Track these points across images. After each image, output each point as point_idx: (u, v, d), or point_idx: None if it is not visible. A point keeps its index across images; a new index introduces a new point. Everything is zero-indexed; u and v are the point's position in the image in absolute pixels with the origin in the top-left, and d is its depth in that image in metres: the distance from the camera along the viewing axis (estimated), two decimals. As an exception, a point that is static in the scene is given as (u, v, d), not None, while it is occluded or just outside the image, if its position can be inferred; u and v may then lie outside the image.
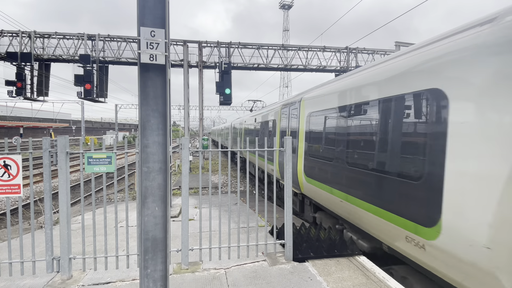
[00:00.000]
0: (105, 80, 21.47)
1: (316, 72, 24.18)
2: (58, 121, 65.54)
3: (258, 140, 4.39)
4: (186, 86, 20.27)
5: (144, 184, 2.52)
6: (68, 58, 20.68)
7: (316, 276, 3.98)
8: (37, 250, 5.04)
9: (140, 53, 2.39)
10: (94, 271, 4.06)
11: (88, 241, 5.26)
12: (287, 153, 4.42)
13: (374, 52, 23.31)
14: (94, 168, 3.78)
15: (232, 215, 7.40)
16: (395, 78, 3.83)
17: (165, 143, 2.54)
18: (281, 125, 9.29)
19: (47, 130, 57.24)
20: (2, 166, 3.62)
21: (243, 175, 18.68)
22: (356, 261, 4.47)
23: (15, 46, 19.83)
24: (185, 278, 3.94)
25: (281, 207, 8.62)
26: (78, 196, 13.32)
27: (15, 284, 3.79)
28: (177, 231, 5.89)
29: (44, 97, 21.41)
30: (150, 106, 2.48)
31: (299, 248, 4.67)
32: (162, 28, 2.43)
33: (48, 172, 3.80)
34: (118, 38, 20.83)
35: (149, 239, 2.57)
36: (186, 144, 4.17)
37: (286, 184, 4.49)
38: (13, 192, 3.67)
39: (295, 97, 8.51)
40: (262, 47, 22.34)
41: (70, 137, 30.27)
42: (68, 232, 3.85)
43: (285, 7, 70.16)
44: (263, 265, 4.32)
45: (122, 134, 54.98)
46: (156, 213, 2.56)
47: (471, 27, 2.98)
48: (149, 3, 2.40)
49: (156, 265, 2.59)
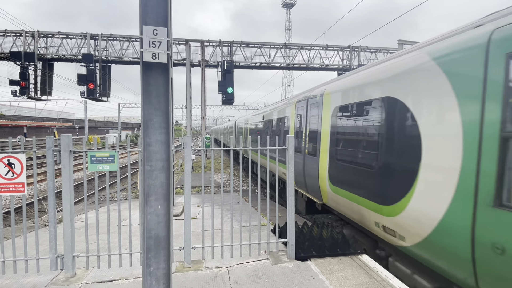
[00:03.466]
0: (108, 79, 21.55)
1: (318, 71, 24.12)
2: (61, 120, 65.89)
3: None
4: (188, 85, 20.29)
5: (146, 183, 2.53)
6: (71, 58, 20.76)
7: (318, 275, 3.98)
8: (41, 248, 5.08)
9: (143, 52, 2.40)
10: (98, 269, 4.08)
11: (92, 240, 5.29)
12: (289, 151, 4.43)
13: (377, 51, 23.20)
14: (97, 167, 3.80)
15: (235, 214, 7.41)
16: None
17: (168, 141, 2.54)
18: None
19: (51, 129, 57.59)
20: (6, 164, 3.65)
21: (245, 174, 18.69)
22: (358, 260, 4.46)
23: (19, 45, 19.94)
24: (188, 276, 3.95)
25: (283, 206, 8.61)
26: (81, 194, 13.39)
27: (19, 281, 3.82)
28: (179, 230, 5.91)
29: (48, 97, 21.52)
30: (153, 104, 2.49)
31: (302, 246, 4.67)
32: (164, 27, 2.43)
33: (51, 171, 3.82)
34: (120, 38, 20.88)
35: (152, 237, 2.58)
36: (188, 143, 4.18)
37: (288, 183, 4.49)
38: (17, 190, 3.70)
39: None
40: (264, 45, 22.29)
41: (74, 136, 30.44)
42: (72, 230, 3.87)
43: (287, 6, 69.95)
44: (266, 264, 4.33)
45: (125, 133, 55.19)
46: (158, 212, 2.57)
47: (409, 52, 4.11)
48: (151, 1, 2.40)
49: (159, 263, 2.60)
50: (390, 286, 3.69)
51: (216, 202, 9.05)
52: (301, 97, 7.87)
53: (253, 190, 13.99)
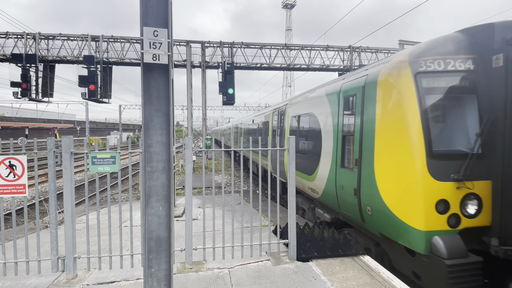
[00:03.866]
0: (109, 80, 21.59)
1: (319, 72, 24.11)
2: (62, 122, 66.05)
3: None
4: (189, 86, 20.32)
5: (147, 184, 2.53)
6: (73, 59, 20.81)
7: (320, 276, 3.97)
8: (42, 249, 5.07)
9: (143, 53, 2.40)
10: (99, 271, 4.08)
11: (93, 241, 5.28)
12: (290, 152, 4.43)
13: (378, 51, 23.17)
14: (98, 168, 3.80)
15: (236, 215, 7.40)
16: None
17: (169, 142, 2.54)
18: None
19: (52, 130, 57.75)
20: (7, 166, 3.66)
21: (246, 174, 18.68)
22: (360, 260, 4.44)
23: (20, 47, 20.00)
24: (189, 278, 3.95)
25: (284, 207, 8.61)
26: (82, 196, 13.41)
27: (20, 283, 3.82)
28: (180, 231, 5.91)
29: (49, 98, 21.56)
30: (153, 106, 2.49)
31: (303, 247, 4.65)
32: (165, 28, 2.44)
33: (53, 172, 3.82)
34: (121, 39, 20.93)
35: (153, 239, 2.58)
36: (189, 144, 4.18)
37: (289, 184, 4.48)
38: (19, 192, 3.71)
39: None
40: (265, 46, 22.30)
41: (75, 138, 30.56)
42: (73, 231, 3.87)
43: (288, 7, 69.94)
44: (267, 265, 4.32)
45: (126, 134, 55.31)
46: (159, 213, 2.57)
47: (319, 87, 7.23)
48: (152, 3, 2.40)
49: (160, 264, 2.60)
50: (391, 287, 3.67)
51: (217, 203, 9.04)
52: (276, 107, 10.80)
53: (254, 191, 13.99)
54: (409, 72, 3.93)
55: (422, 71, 3.90)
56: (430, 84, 3.92)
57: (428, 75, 3.90)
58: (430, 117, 3.86)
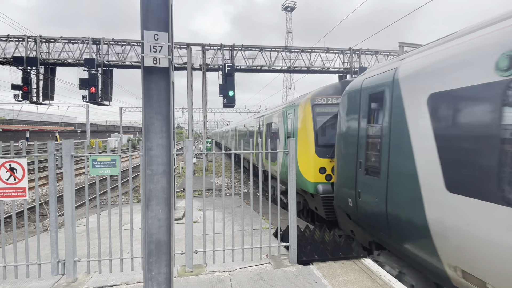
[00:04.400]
0: (110, 83, 21.63)
1: (319, 74, 24.13)
2: (63, 125, 66.15)
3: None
4: (189, 89, 20.35)
5: (148, 187, 2.53)
6: (73, 62, 20.87)
7: (321, 279, 3.95)
8: (42, 253, 5.07)
9: (144, 57, 2.40)
10: (99, 274, 4.07)
11: (93, 244, 5.28)
12: (291, 155, 4.43)
13: (378, 53, 23.19)
14: (98, 171, 3.80)
15: (236, 218, 7.38)
16: None
17: (169, 145, 2.54)
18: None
19: (53, 133, 57.80)
20: (8, 169, 3.65)
21: (247, 176, 18.66)
22: (361, 263, 4.43)
23: (21, 50, 20.06)
24: (189, 281, 3.93)
25: (285, 209, 8.59)
26: (82, 198, 13.40)
27: (20, 286, 3.81)
28: (181, 234, 5.89)
29: (50, 101, 21.58)
30: (154, 109, 2.49)
31: (304, 250, 4.64)
32: (165, 31, 2.44)
33: (53, 175, 3.82)
34: (122, 42, 20.99)
35: (153, 242, 2.57)
36: (189, 146, 4.18)
37: (290, 186, 4.48)
38: (19, 195, 3.70)
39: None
40: (265, 49, 22.34)
41: (76, 140, 30.55)
42: (73, 234, 3.86)
43: (288, 9, 70.19)
44: (268, 268, 4.30)
45: (126, 137, 55.35)
46: (160, 216, 2.57)
47: (280, 105, 10.75)
48: (153, 6, 2.41)
49: (160, 267, 2.59)
50: (393, 290, 3.65)
51: (218, 205, 9.03)
52: (260, 115, 14.22)
53: (255, 194, 13.95)
54: (310, 103, 7.55)
55: (316, 103, 7.51)
56: (319, 110, 7.47)
57: (319, 105, 7.50)
58: (318, 126, 7.38)
